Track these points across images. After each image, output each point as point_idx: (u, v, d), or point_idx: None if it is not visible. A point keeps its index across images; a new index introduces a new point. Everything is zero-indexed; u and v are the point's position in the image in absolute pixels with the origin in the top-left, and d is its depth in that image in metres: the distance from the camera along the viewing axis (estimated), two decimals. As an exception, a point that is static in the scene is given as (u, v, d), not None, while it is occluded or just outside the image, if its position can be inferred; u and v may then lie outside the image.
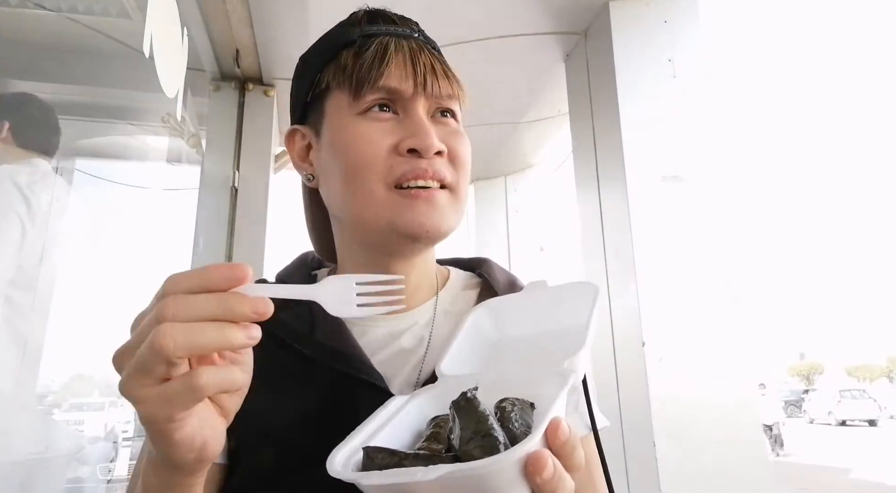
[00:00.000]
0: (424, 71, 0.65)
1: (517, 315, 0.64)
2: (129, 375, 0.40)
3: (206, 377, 0.40)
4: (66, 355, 2.07)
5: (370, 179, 0.63)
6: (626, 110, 1.82)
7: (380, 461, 0.43)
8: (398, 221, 0.62)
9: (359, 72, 0.64)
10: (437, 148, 0.63)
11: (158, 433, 0.42)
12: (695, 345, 1.65)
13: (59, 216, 1.84)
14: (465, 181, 0.67)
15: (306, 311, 0.68)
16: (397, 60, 0.64)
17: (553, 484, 0.39)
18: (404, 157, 0.63)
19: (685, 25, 1.89)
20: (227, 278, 0.41)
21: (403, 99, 0.64)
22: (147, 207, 2.21)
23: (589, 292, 0.61)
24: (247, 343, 0.42)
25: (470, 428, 0.42)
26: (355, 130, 0.64)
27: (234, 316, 0.41)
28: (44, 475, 1.74)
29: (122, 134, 2.19)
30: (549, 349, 0.55)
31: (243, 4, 1.85)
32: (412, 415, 0.52)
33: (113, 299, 2.07)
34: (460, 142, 0.67)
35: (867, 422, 23.11)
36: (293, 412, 0.61)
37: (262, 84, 2.32)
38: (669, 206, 1.75)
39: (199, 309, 0.40)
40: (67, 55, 1.91)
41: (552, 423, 0.41)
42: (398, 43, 0.66)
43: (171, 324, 0.39)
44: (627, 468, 1.69)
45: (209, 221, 2.15)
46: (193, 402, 0.41)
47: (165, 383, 0.40)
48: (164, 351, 0.38)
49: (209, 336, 0.40)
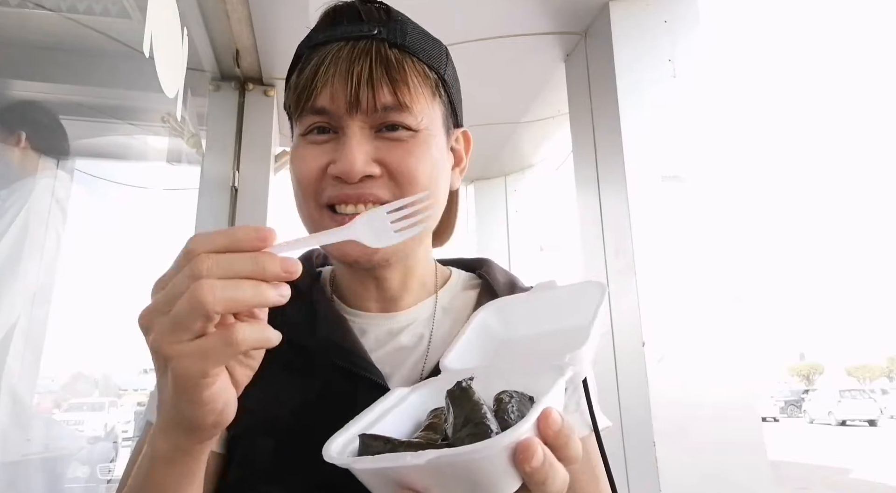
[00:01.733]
0: (357, 84, 0.59)
1: (525, 315, 0.64)
2: (164, 331, 0.41)
3: (244, 332, 0.41)
4: (66, 355, 2.07)
5: (306, 199, 0.63)
6: (626, 110, 1.82)
7: (375, 448, 0.43)
8: (326, 247, 0.63)
9: (298, 93, 0.62)
10: (361, 173, 0.59)
11: (188, 389, 0.42)
12: (695, 345, 1.65)
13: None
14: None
15: (308, 306, 0.69)
16: (327, 77, 0.60)
17: (543, 473, 0.39)
18: (333, 181, 0.61)
19: (685, 25, 1.89)
20: (254, 239, 0.42)
21: (337, 119, 0.61)
22: (147, 207, 2.21)
23: (596, 291, 0.61)
24: (279, 301, 0.43)
25: (462, 416, 0.42)
26: (296, 151, 0.64)
27: (266, 275, 0.42)
28: (44, 475, 1.74)
29: (122, 134, 2.19)
30: (553, 347, 0.55)
31: (243, 4, 1.85)
32: (413, 406, 0.52)
33: (113, 299, 2.07)
34: (405, 157, 0.61)
35: (867, 422, 23.11)
36: (293, 404, 0.62)
37: (262, 84, 2.32)
38: (669, 206, 1.75)
39: (235, 267, 0.41)
40: (67, 55, 1.91)
41: (543, 412, 0.41)
42: (339, 53, 0.61)
43: (209, 280, 0.39)
44: (627, 468, 1.69)
45: (209, 221, 2.15)
46: (229, 357, 0.42)
47: (201, 338, 0.40)
48: (204, 305, 0.39)
49: (247, 292, 0.41)
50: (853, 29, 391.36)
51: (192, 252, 0.41)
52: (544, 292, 0.65)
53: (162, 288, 0.43)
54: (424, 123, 0.63)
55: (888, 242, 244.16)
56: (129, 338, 1.85)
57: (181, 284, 0.40)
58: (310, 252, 0.80)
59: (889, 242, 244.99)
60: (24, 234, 1.49)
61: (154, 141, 2.19)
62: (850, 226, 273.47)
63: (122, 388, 2.70)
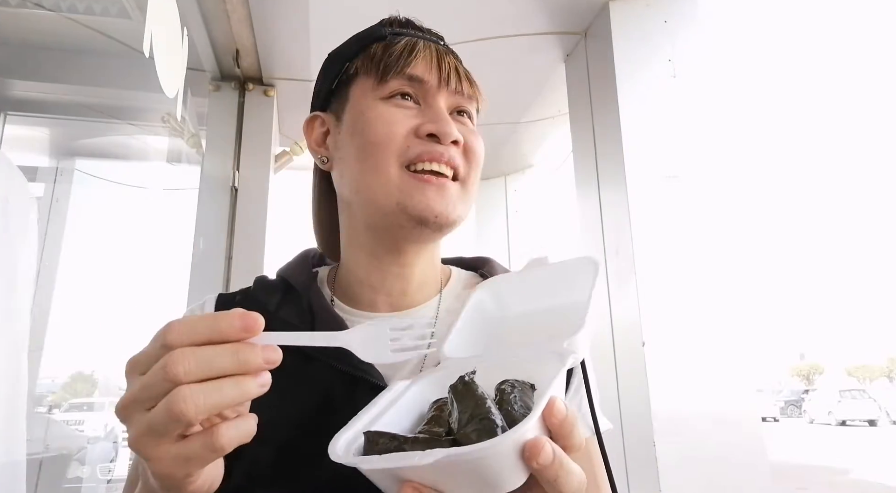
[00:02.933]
0: (449, 69, 0.69)
1: (519, 293, 0.65)
2: (143, 434, 0.39)
3: (228, 435, 0.39)
4: (66, 355, 2.07)
5: (385, 157, 0.64)
6: (626, 110, 1.82)
7: (381, 445, 0.43)
8: (408, 202, 0.63)
9: (387, 59, 0.67)
10: (455, 137, 0.65)
11: (173, 487, 0.41)
12: (695, 345, 1.65)
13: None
14: (475, 176, 0.69)
15: (306, 308, 0.68)
16: (425, 55, 0.68)
17: (553, 470, 0.39)
18: (422, 139, 0.65)
19: (685, 25, 1.89)
20: (239, 329, 0.40)
21: (426, 90, 0.68)
22: (147, 207, 2.21)
23: (589, 267, 0.60)
24: (260, 391, 0.41)
25: (468, 412, 0.42)
26: (377, 111, 0.67)
27: (247, 369, 0.40)
28: (44, 475, 1.74)
29: (122, 134, 2.19)
30: (550, 328, 0.55)
31: (243, 4, 1.85)
32: (415, 399, 0.52)
33: (113, 299, 2.07)
34: (476, 138, 0.70)
35: (867, 422, 23.11)
36: (292, 410, 0.61)
37: (262, 84, 2.32)
38: (669, 206, 1.75)
39: (214, 365, 0.39)
40: (67, 55, 1.91)
41: (549, 403, 0.41)
42: (426, 43, 0.70)
43: (188, 386, 0.37)
44: (627, 468, 1.69)
45: (209, 221, 2.15)
46: (213, 459, 0.40)
47: (182, 441, 0.39)
48: (185, 417, 0.37)
49: (228, 394, 0.39)
50: (853, 29, 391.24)
51: (169, 345, 0.39)
52: (537, 270, 0.65)
53: (137, 372, 0.40)
54: (476, 122, 0.74)
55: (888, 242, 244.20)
56: (129, 338, 1.85)
57: (157, 384, 0.38)
58: (305, 251, 0.79)
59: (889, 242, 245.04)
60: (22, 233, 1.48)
61: (154, 141, 2.19)
62: (850, 226, 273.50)
63: (122, 388, 2.70)
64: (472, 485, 0.39)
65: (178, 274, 2.09)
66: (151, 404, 0.39)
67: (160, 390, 0.38)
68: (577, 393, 0.70)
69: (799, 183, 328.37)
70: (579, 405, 0.69)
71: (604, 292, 1.86)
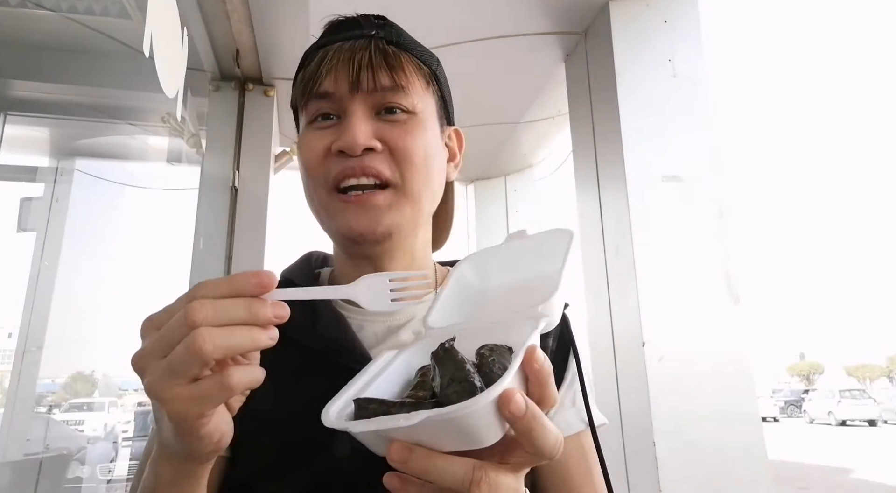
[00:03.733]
0: (358, 69, 0.64)
1: (499, 265, 0.66)
2: (161, 376, 0.43)
3: (238, 376, 0.43)
4: (66, 355, 2.07)
5: (314, 185, 0.66)
6: (626, 110, 1.82)
7: (370, 410, 0.46)
8: (334, 224, 0.66)
9: (302, 84, 0.68)
10: (363, 145, 0.63)
11: (185, 429, 0.44)
12: (695, 345, 1.65)
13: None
14: (414, 176, 0.66)
15: (309, 308, 0.69)
16: (331, 65, 0.65)
17: (526, 421, 0.41)
18: (337, 158, 0.65)
19: (685, 25, 1.89)
20: (254, 285, 0.45)
21: (340, 102, 0.65)
22: (147, 207, 2.21)
23: (564, 237, 0.63)
24: (269, 343, 0.45)
25: (448, 375, 0.45)
26: (304, 139, 0.68)
27: (258, 320, 0.44)
28: (44, 475, 1.74)
29: (122, 134, 2.19)
30: (528, 294, 0.57)
31: (243, 4, 1.85)
32: (402, 367, 0.55)
33: (113, 300, 2.07)
34: (403, 136, 0.65)
35: (867, 422, 23.11)
36: (295, 404, 0.62)
37: (262, 84, 2.32)
38: (669, 206, 1.75)
39: (230, 314, 0.43)
40: (67, 55, 1.91)
41: (528, 350, 0.44)
42: (340, 48, 0.67)
43: (206, 328, 0.41)
44: (627, 467, 1.69)
45: (209, 221, 2.15)
46: (224, 399, 0.44)
47: (196, 382, 0.43)
48: (202, 353, 0.41)
49: (241, 338, 0.43)
50: (853, 28, 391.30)
51: (192, 297, 0.43)
52: (516, 242, 0.67)
53: (154, 329, 0.44)
54: (419, 107, 0.67)
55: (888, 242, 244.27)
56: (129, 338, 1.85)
57: (177, 330, 0.42)
58: (308, 254, 0.81)
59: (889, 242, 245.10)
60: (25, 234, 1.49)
61: (154, 141, 2.19)
62: (850, 226, 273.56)
63: (122, 388, 2.70)
64: (454, 441, 0.42)
65: (178, 274, 2.09)
66: (168, 352, 0.42)
67: (179, 335, 0.42)
68: (571, 387, 0.71)
69: (799, 183, 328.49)
70: (573, 399, 0.70)
71: (604, 292, 1.86)
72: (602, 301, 1.86)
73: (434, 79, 0.72)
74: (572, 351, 0.72)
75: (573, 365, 0.71)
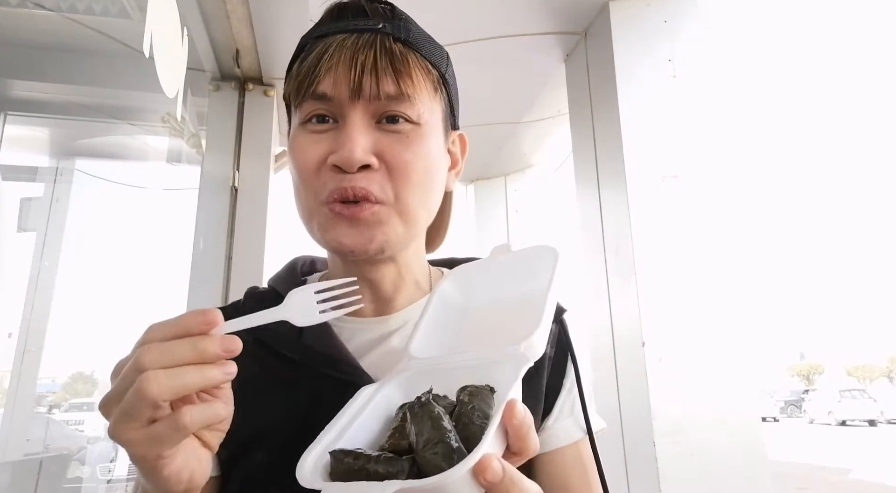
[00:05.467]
0: (361, 71, 0.59)
1: (482, 282, 0.65)
2: (117, 420, 0.43)
3: (190, 416, 0.43)
4: (66, 355, 2.07)
5: (307, 194, 0.62)
6: (626, 110, 1.82)
7: (345, 465, 0.45)
8: (325, 238, 0.62)
9: (297, 80, 0.62)
10: (360, 163, 0.58)
11: (149, 470, 0.45)
12: (695, 345, 1.65)
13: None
14: (410, 194, 0.61)
15: None
16: (331, 64, 0.60)
17: (504, 487, 0.41)
18: (331, 172, 0.60)
19: (685, 25, 1.89)
20: (201, 323, 0.44)
21: (339, 106, 0.60)
22: (147, 207, 2.21)
23: (550, 257, 0.60)
24: (225, 379, 0.44)
25: (425, 434, 0.44)
26: (295, 141, 0.63)
27: (207, 358, 0.43)
28: (44, 475, 1.74)
29: (122, 134, 2.19)
30: (510, 319, 0.57)
31: (243, 4, 1.85)
32: (381, 404, 0.54)
33: (113, 300, 2.07)
34: (402, 151, 0.60)
35: (867, 422, 23.11)
36: (284, 418, 0.61)
37: (262, 84, 2.32)
38: (669, 206, 1.75)
39: (176, 354, 0.43)
40: (67, 55, 1.91)
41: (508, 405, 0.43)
42: (342, 44, 0.60)
43: (153, 371, 0.42)
44: (627, 468, 1.69)
45: (209, 221, 2.15)
46: (179, 440, 0.44)
47: (152, 424, 0.43)
48: (149, 396, 0.41)
49: (190, 378, 0.43)
50: (853, 28, 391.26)
51: (141, 344, 0.44)
52: (499, 257, 0.65)
53: (117, 374, 0.45)
54: (425, 117, 0.62)
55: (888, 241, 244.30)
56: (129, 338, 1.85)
57: (129, 375, 0.43)
58: (294, 260, 0.78)
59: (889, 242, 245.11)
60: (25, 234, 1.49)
61: (154, 141, 2.19)
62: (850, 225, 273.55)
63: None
64: None
65: (178, 274, 2.09)
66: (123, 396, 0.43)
67: (130, 380, 0.42)
68: (570, 394, 0.70)
69: (799, 183, 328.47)
70: (572, 407, 0.69)
71: (604, 292, 1.86)
72: (602, 301, 1.86)
73: (443, 84, 0.66)
74: (570, 357, 0.71)
75: (571, 372, 0.70)
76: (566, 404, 0.69)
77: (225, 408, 0.46)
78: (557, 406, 0.69)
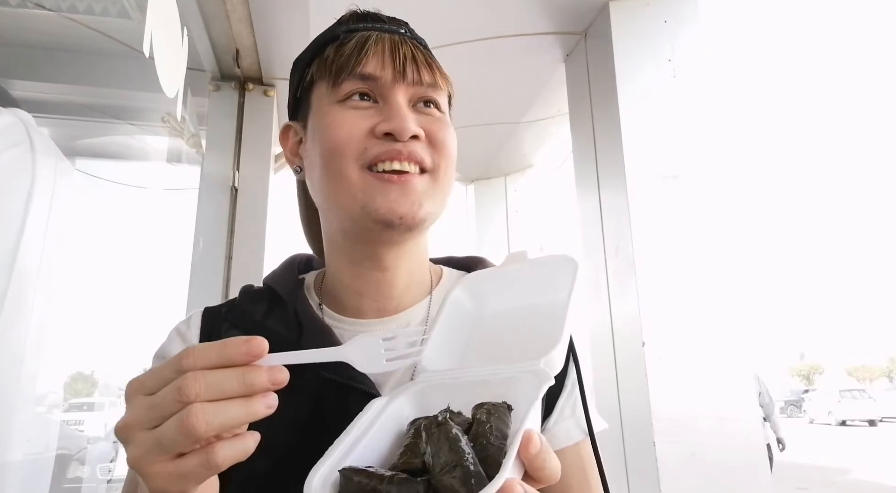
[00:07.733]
0: (404, 60, 0.66)
1: (496, 290, 0.64)
2: (147, 450, 0.40)
3: (224, 453, 0.41)
4: (66, 355, 2.07)
5: (345, 162, 0.63)
6: (626, 110, 1.82)
7: (355, 483, 0.43)
8: (370, 205, 0.62)
9: (338, 61, 0.66)
10: (413, 132, 0.63)
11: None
12: (695, 345, 1.65)
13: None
14: (447, 167, 0.66)
15: (293, 318, 0.68)
16: (376, 50, 0.66)
17: None
18: (380, 139, 0.63)
19: (685, 25, 1.89)
20: (244, 354, 0.42)
21: (382, 87, 0.65)
22: (147, 207, 2.21)
23: (569, 268, 0.59)
24: (267, 412, 0.43)
25: (442, 456, 0.42)
26: (333, 116, 0.65)
27: (254, 390, 0.42)
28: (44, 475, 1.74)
29: (122, 134, 2.19)
30: (527, 332, 0.55)
31: (243, 4, 1.85)
32: (392, 418, 0.52)
33: (113, 300, 2.07)
34: (441, 128, 0.67)
35: (867, 422, 23.10)
36: (285, 421, 0.61)
37: (262, 84, 2.32)
38: (669, 206, 1.75)
39: (225, 387, 0.41)
40: (67, 55, 1.91)
41: (525, 436, 0.41)
42: (380, 36, 0.67)
43: (200, 405, 0.39)
44: (627, 468, 1.69)
45: (209, 221, 2.15)
46: (207, 477, 0.41)
47: (181, 458, 0.40)
48: (195, 432, 0.39)
49: (236, 413, 0.41)
50: (853, 29, 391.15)
51: (183, 370, 0.41)
52: (515, 265, 0.64)
53: (142, 394, 0.42)
54: (445, 111, 0.69)
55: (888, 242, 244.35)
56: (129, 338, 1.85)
57: (169, 404, 0.40)
58: (291, 257, 0.78)
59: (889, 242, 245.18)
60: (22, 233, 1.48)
61: (154, 141, 2.19)
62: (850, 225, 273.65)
63: (122, 388, 2.70)
64: None
65: (178, 274, 2.09)
66: (157, 424, 0.40)
67: (171, 409, 0.40)
68: (571, 395, 0.69)
69: (799, 183, 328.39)
70: (573, 408, 0.69)
71: (604, 292, 1.86)
72: (602, 301, 1.86)
73: (449, 93, 0.72)
74: (572, 358, 0.70)
75: (573, 373, 0.70)
76: (567, 406, 0.69)
77: (255, 442, 0.44)
78: (558, 407, 0.68)
